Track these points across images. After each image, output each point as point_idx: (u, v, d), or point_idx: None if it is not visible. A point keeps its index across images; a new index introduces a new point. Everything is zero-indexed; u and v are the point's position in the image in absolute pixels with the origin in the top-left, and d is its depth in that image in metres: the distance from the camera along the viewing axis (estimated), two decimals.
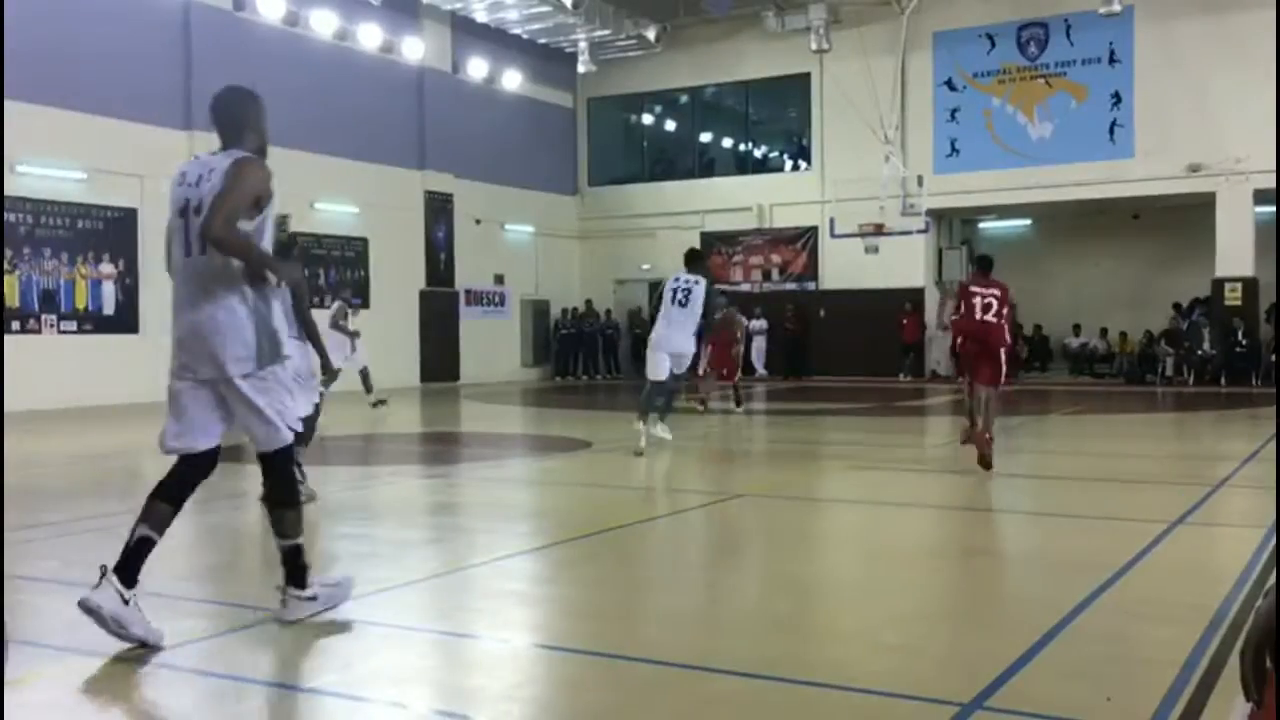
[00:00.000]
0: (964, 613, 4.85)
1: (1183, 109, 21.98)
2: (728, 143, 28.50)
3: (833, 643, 4.48)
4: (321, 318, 19.47)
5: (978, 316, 9.75)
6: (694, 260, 11.56)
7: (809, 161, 26.16)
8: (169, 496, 4.39)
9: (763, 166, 27.89)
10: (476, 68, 24.98)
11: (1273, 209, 22.85)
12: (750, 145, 28.31)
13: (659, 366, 10.86)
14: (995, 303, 9.83)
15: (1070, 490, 8.83)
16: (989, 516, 7.91)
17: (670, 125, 29.09)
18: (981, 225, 27.54)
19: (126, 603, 4.10)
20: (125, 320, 18.45)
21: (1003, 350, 9.76)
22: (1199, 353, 22.15)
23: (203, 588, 5.40)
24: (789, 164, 27.53)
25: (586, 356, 27.14)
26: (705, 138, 28.63)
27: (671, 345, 10.88)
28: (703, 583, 5.53)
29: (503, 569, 5.81)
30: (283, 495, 4.51)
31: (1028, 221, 27.11)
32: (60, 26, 17.22)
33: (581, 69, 26.21)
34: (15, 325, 16.83)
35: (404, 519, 7.94)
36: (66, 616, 4.71)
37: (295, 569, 4.48)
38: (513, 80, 25.91)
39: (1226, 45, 21.51)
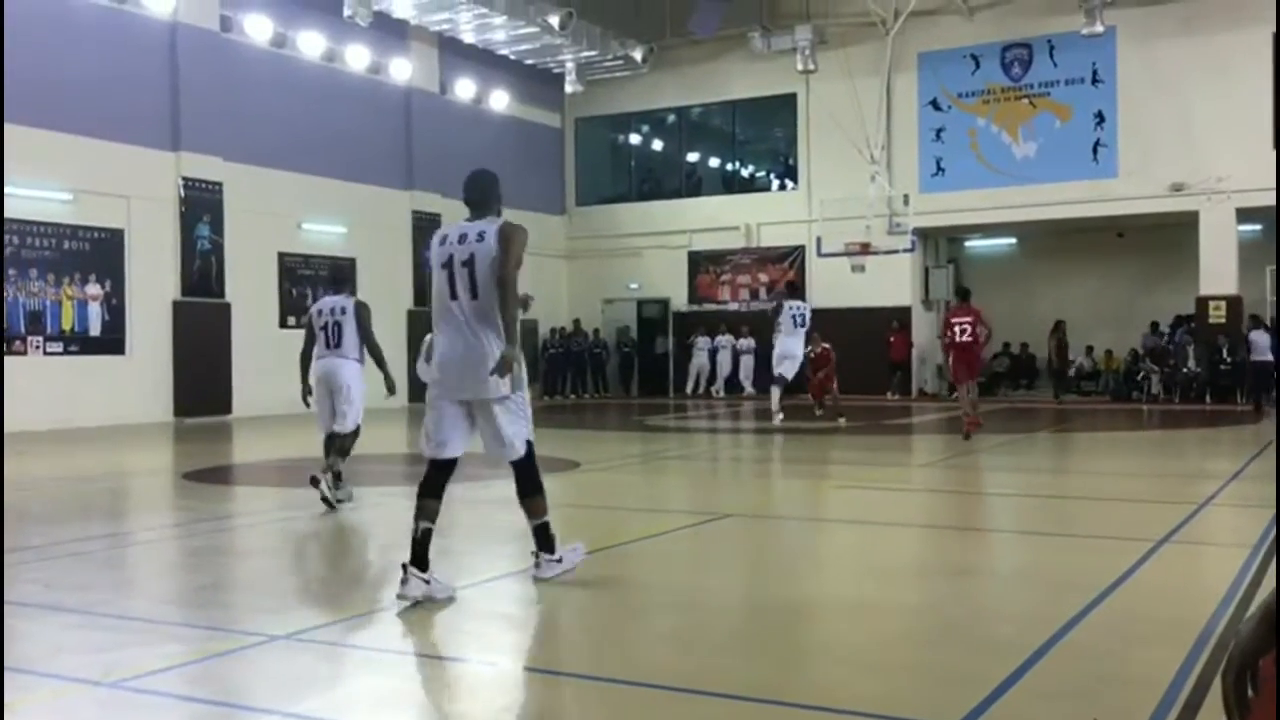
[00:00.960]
0: (952, 632, 4.85)
1: (1165, 128, 22.15)
2: (715, 162, 28.60)
3: (820, 664, 4.47)
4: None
5: (958, 339, 14.42)
6: (797, 290, 16.87)
7: (795, 181, 26.27)
8: (433, 493, 5.42)
9: (750, 186, 27.99)
10: (464, 88, 25.05)
11: (1254, 227, 23.06)
12: (737, 165, 28.41)
13: (791, 369, 15.94)
14: (969, 326, 14.31)
15: (1057, 509, 8.85)
16: (976, 535, 7.92)
17: (657, 145, 29.18)
18: (967, 244, 27.67)
19: (428, 583, 5.14)
20: (111, 341, 18.39)
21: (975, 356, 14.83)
22: (1184, 371, 22.26)
23: (187, 612, 5.37)
24: (776, 183, 27.63)
25: (575, 376, 27.11)
26: (692, 157, 28.72)
27: (793, 353, 15.81)
28: (691, 604, 5.52)
29: (490, 591, 5.80)
30: (526, 489, 5.59)
31: (1013, 240, 27.25)
32: (46, 47, 17.21)
33: (569, 89, 26.30)
34: None
35: (390, 541, 7.91)
36: (51, 641, 4.68)
37: (545, 539, 5.60)
38: (500, 101, 25.99)
39: (1208, 65, 21.69)
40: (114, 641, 4.64)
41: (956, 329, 14.32)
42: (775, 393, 16.04)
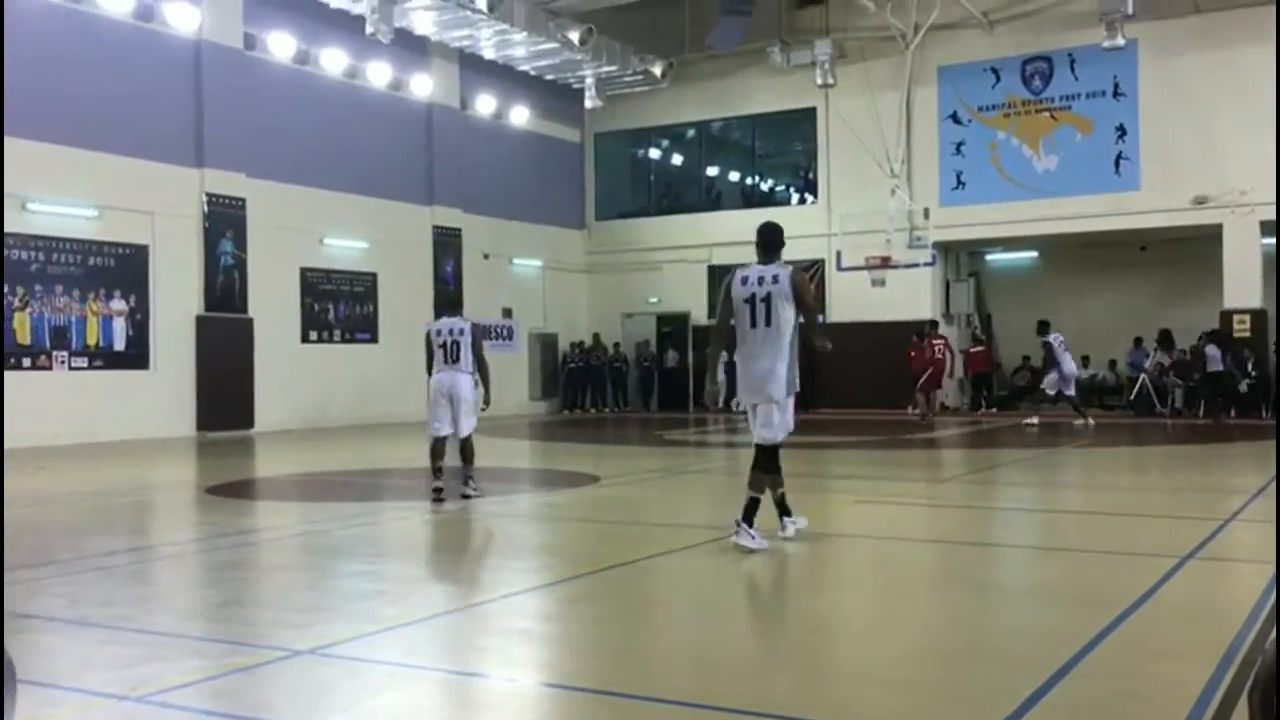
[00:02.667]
0: (974, 649, 4.82)
1: (1187, 141, 22.04)
2: (734, 176, 28.61)
3: (840, 680, 4.46)
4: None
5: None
6: (1047, 325, 20.00)
7: (815, 195, 26.25)
8: (761, 468, 7.16)
9: (769, 200, 27.95)
10: (484, 104, 25.19)
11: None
12: (757, 179, 28.42)
13: (1067, 386, 19.56)
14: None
15: (1080, 524, 8.79)
16: (999, 551, 7.87)
17: (677, 159, 29.23)
18: (988, 257, 27.56)
19: (753, 537, 6.87)
20: (135, 356, 18.53)
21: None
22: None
23: (211, 626, 5.40)
24: (795, 197, 27.61)
25: (595, 390, 27.14)
26: (712, 171, 28.75)
27: (1068, 371, 19.44)
28: (710, 620, 5.51)
29: (510, 606, 5.80)
30: (769, 467, 7.19)
31: (1034, 253, 27.12)
32: (72, 65, 17.41)
33: (589, 104, 26.39)
34: (26, 362, 16.92)
35: (411, 555, 7.94)
36: (76, 656, 4.72)
37: (783, 508, 7.30)
38: (520, 116, 26.11)
39: (1230, 78, 21.59)
40: (139, 656, 4.67)
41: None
42: (1074, 406, 19.88)
